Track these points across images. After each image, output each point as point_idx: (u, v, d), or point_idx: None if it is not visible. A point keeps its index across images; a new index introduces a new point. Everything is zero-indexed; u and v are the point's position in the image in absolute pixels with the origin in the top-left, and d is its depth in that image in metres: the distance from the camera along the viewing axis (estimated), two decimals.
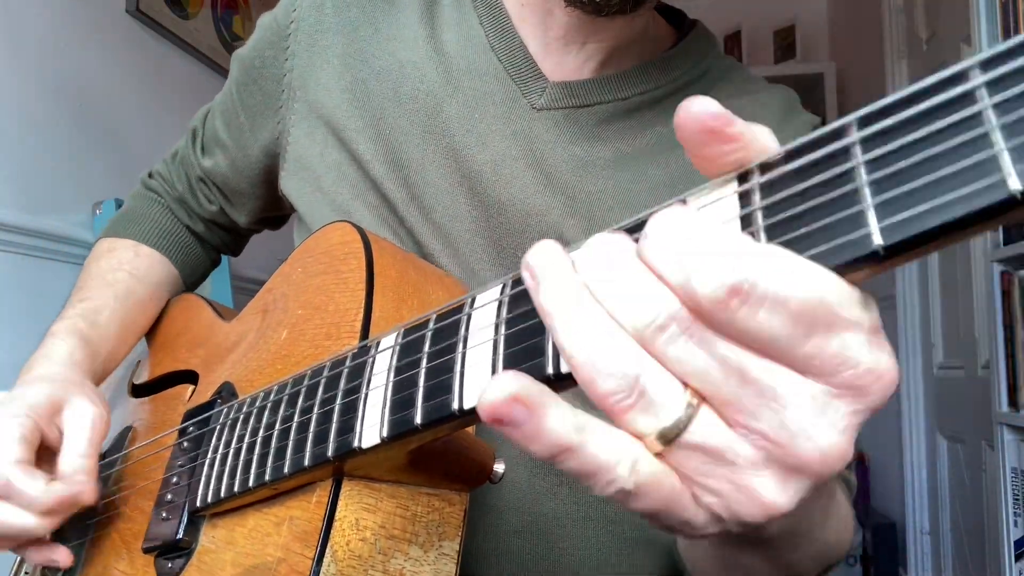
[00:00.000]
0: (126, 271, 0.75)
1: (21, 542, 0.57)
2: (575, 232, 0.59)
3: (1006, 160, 0.19)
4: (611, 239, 0.25)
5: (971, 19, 1.78)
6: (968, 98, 0.20)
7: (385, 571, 0.38)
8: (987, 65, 0.20)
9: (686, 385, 0.24)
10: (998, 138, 0.20)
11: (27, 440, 0.54)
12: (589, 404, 0.25)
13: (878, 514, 2.91)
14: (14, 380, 0.62)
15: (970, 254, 2.12)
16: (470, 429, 0.45)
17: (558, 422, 0.24)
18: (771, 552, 0.38)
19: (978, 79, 0.20)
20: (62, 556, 0.58)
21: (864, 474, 3.07)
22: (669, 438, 0.24)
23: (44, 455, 0.57)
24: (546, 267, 0.26)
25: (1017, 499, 1.70)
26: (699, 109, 0.24)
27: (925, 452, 2.57)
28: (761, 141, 0.25)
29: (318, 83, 0.65)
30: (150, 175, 0.84)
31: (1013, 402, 1.69)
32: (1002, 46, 0.20)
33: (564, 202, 0.60)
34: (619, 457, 0.24)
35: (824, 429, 0.23)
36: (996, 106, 0.20)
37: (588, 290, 0.25)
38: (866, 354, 0.22)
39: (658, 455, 0.25)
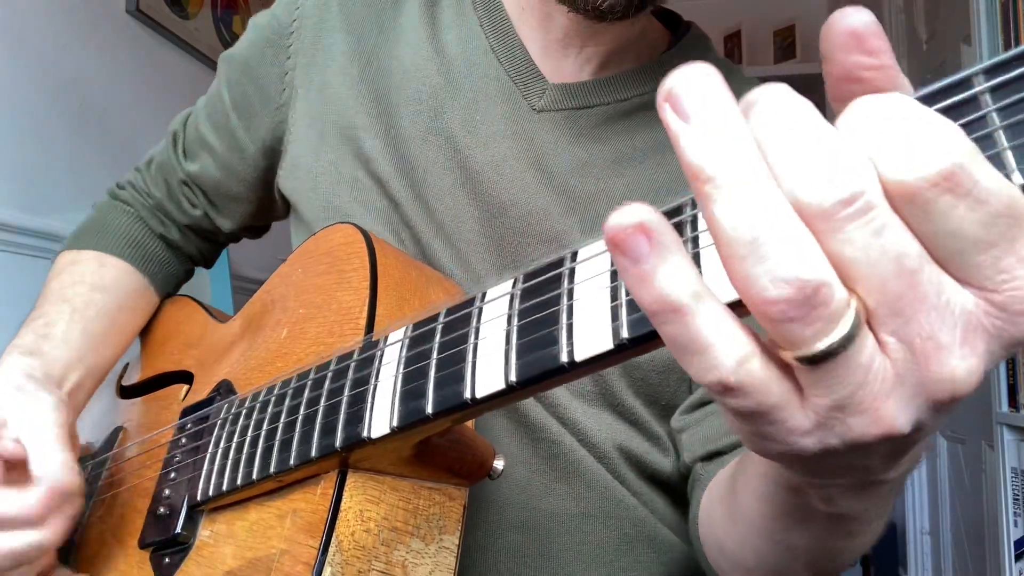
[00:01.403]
0: (87, 284, 0.71)
1: (44, 562, 0.53)
2: (575, 233, 0.59)
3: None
4: (794, 97, 0.21)
5: (971, 19, 1.78)
6: None
7: (388, 562, 0.38)
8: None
9: (850, 291, 0.21)
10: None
11: None
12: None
13: None
14: None
15: None
16: (471, 425, 0.45)
17: (676, 275, 0.21)
18: (828, 534, 0.36)
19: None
20: None
21: None
22: (820, 359, 0.21)
23: (16, 473, 0.52)
24: (701, 97, 0.21)
25: (1017, 499, 1.70)
26: (855, 14, 0.22)
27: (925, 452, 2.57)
28: (898, 80, 0.23)
29: (324, 81, 0.65)
30: (119, 186, 0.81)
31: (1013, 402, 1.69)
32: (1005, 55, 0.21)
33: (564, 203, 0.60)
34: (729, 345, 0.22)
35: (966, 352, 0.21)
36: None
37: (760, 148, 0.21)
38: None
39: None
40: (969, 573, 2.15)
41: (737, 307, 0.23)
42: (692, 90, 0.21)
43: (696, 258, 0.25)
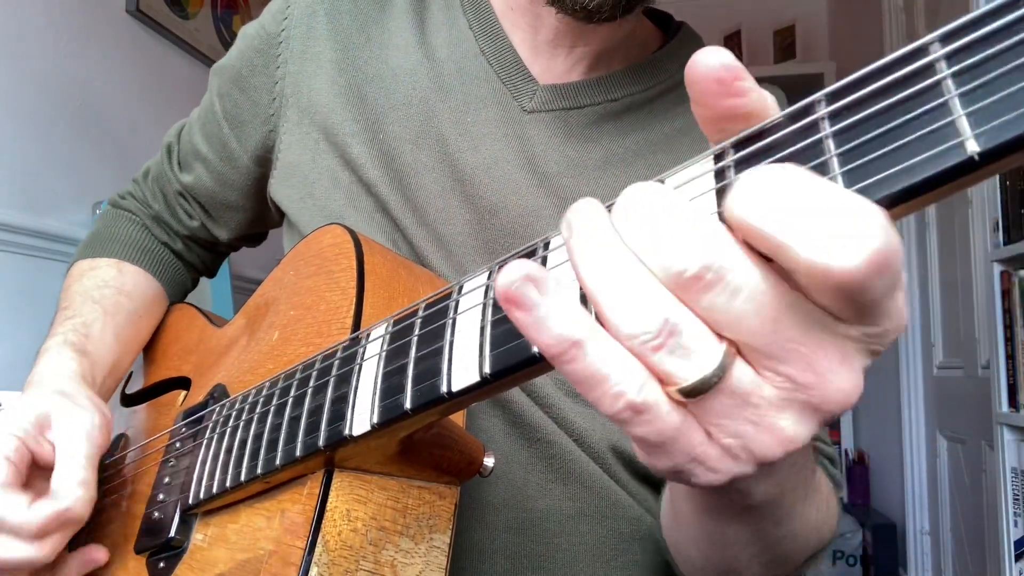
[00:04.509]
0: (112, 287, 0.71)
1: (28, 573, 0.53)
2: None
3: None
4: (647, 188, 0.25)
5: None
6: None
7: (376, 562, 0.38)
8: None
9: (719, 336, 0.23)
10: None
11: (11, 461, 0.51)
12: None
13: (878, 514, 2.91)
14: (13, 380, 0.61)
15: (970, 254, 2.12)
16: (460, 422, 0.45)
17: (569, 312, 0.24)
18: (757, 524, 0.38)
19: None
20: (100, 555, 0.55)
21: (864, 474, 3.07)
22: (699, 392, 0.23)
23: (40, 474, 0.54)
24: (581, 216, 0.25)
25: (1017, 499, 1.70)
26: (713, 60, 0.24)
27: (925, 452, 2.57)
28: (769, 109, 0.25)
29: (311, 89, 0.65)
30: (121, 196, 0.82)
31: (1013, 402, 1.69)
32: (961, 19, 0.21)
33: (556, 203, 0.60)
34: (629, 370, 0.24)
35: (846, 372, 0.23)
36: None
37: (620, 237, 0.24)
38: (898, 308, 0.22)
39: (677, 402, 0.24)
40: (969, 573, 2.15)
41: None
42: (576, 214, 0.25)
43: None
